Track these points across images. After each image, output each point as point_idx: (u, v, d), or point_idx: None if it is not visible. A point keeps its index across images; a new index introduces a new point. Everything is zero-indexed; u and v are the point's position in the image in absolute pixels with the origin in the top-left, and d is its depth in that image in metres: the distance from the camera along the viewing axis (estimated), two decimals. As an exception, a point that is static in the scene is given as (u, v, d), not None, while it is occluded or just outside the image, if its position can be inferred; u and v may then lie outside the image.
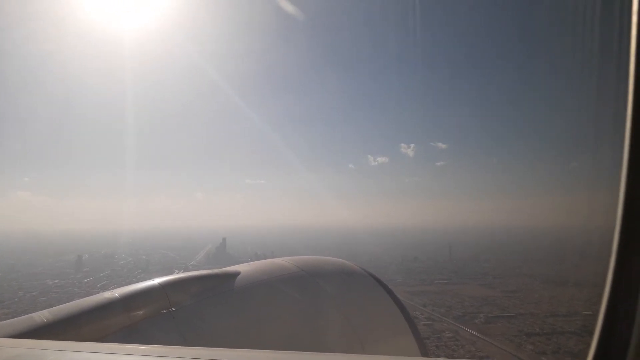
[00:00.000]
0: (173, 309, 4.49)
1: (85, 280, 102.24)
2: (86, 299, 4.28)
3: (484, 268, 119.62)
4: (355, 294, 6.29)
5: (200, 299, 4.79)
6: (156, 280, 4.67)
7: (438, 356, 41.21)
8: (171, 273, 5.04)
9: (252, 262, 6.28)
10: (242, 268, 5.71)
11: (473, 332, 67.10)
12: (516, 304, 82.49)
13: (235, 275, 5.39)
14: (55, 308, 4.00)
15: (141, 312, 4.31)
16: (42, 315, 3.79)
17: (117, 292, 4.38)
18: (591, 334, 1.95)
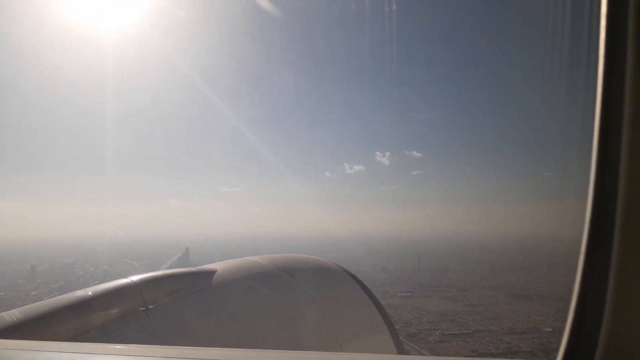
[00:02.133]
0: (149, 307, 4.42)
1: (34, 293, 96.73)
2: (59, 297, 4.16)
3: (450, 279, 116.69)
4: (333, 291, 6.44)
5: (176, 298, 4.77)
6: (131, 279, 4.63)
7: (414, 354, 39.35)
8: None
9: (228, 260, 6.20)
10: (219, 266, 5.69)
11: (424, 352, 64.07)
12: (476, 319, 79.68)
13: (211, 273, 5.40)
14: (25, 307, 3.90)
15: (115, 310, 4.24)
16: (12, 315, 3.70)
17: (90, 291, 4.28)
18: (548, 353, 2.04)
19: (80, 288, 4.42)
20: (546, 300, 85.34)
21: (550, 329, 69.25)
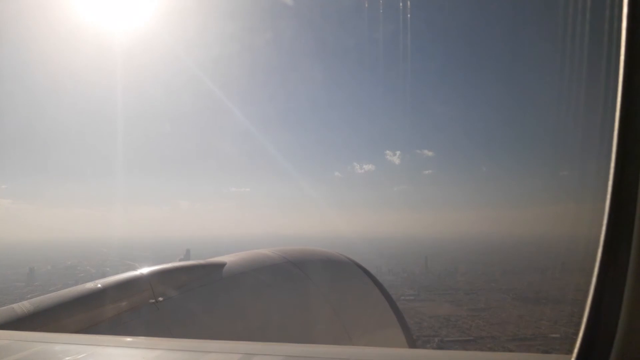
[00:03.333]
0: (158, 300, 4.47)
1: (29, 296, 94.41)
2: (69, 289, 4.28)
3: (458, 282, 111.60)
4: (342, 283, 6.59)
5: (186, 290, 4.83)
6: (141, 271, 4.73)
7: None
8: None
9: (237, 253, 6.29)
10: (228, 259, 5.79)
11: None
12: (479, 324, 75.17)
13: (221, 266, 5.47)
14: (36, 299, 4.02)
15: (125, 303, 4.31)
16: (23, 306, 3.82)
17: (100, 283, 4.38)
18: None
19: None
20: (556, 304, 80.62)
21: (558, 335, 64.63)
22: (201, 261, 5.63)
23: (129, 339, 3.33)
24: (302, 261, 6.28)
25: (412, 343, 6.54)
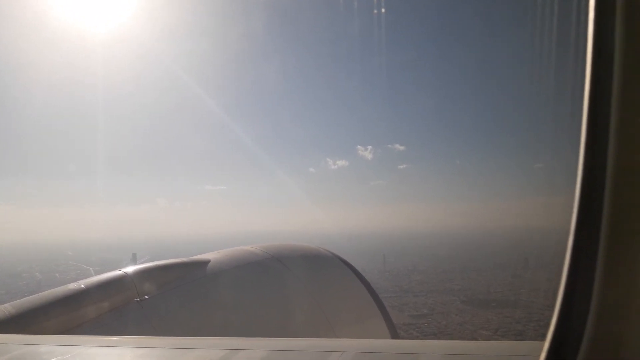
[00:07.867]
0: (143, 298, 4.52)
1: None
2: (51, 290, 4.20)
3: (411, 282, 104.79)
4: (325, 277, 6.81)
5: (170, 288, 4.89)
6: (124, 270, 4.78)
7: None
8: None
9: (221, 250, 6.39)
10: (212, 256, 5.92)
11: None
12: (412, 335, 66.95)
13: (204, 263, 5.60)
14: (18, 301, 3.97)
15: (108, 302, 4.32)
16: (4, 309, 3.77)
17: (82, 283, 4.36)
18: None
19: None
20: (503, 308, 75.52)
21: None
22: (185, 259, 5.58)
23: (114, 338, 3.31)
24: (285, 256, 6.35)
25: (395, 334, 6.63)
